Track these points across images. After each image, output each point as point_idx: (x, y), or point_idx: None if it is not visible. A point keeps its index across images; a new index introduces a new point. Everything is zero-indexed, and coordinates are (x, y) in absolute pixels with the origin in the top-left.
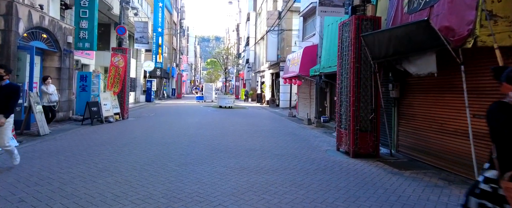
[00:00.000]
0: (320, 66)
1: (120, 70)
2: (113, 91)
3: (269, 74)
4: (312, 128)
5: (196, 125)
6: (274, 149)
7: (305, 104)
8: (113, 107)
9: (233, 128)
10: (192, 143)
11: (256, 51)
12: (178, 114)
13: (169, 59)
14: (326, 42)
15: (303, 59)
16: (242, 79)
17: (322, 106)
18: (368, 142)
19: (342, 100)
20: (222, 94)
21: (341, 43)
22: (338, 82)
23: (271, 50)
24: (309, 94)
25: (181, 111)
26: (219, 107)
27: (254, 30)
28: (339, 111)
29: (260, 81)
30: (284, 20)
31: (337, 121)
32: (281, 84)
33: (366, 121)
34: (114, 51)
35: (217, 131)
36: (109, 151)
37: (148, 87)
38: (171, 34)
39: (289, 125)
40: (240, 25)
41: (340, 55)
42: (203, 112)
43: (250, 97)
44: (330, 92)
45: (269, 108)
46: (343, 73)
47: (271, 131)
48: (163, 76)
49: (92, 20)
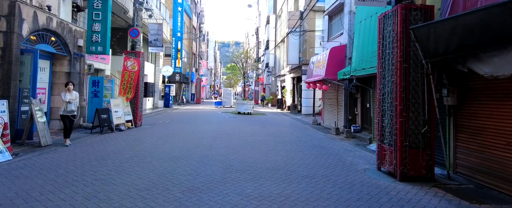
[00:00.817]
0: (351, 69)
1: (134, 75)
2: (126, 97)
3: (290, 78)
4: (342, 139)
5: (212, 134)
6: (301, 167)
7: (331, 111)
8: (125, 114)
9: (252, 138)
10: (204, 157)
11: (276, 55)
12: (194, 120)
13: (189, 64)
14: (358, 41)
15: (329, 62)
16: (262, 84)
17: (352, 114)
18: (419, 161)
19: (384, 109)
20: (241, 100)
21: (382, 39)
22: (379, 87)
23: (292, 53)
24: (337, 101)
25: (197, 118)
26: (238, 113)
27: (274, 34)
28: (381, 122)
29: (280, 86)
30: (306, 21)
31: (378, 134)
32: (303, 89)
33: (417, 135)
34: (127, 54)
35: (233, 142)
36: (108, 167)
37: (167, 92)
38: (191, 39)
39: (314, 135)
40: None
41: (381, 54)
42: (221, 119)
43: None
44: (361, 98)
45: (290, 114)
46: (386, 75)
47: (294, 143)
48: (182, 81)
49: (105, 23)
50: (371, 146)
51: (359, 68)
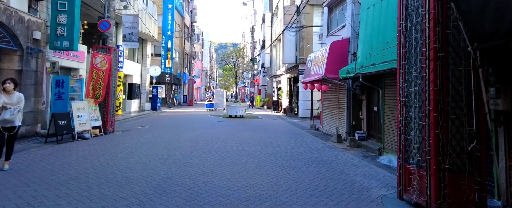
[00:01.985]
0: (356, 65)
1: (103, 74)
2: (94, 100)
3: (286, 79)
4: (345, 149)
5: (190, 144)
6: (294, 196)
7: (332, 115)
8: (91, 119)
9: (238, 149)
10: (166, 181)
11: (272, 54)
12: (178, 125)
13: (180, 64)
14: (365, 32)
15: (329, 58)
16: (258, 85)
17: (356, 118)
18: (465, 192)
19: (409, 116)
20: (232, 102)
21: (404, 20)
22: (401, 86)
23: (288, 51)
24: (338, 103)
25: (183, 122)
26: (229, 116)
27: (270, 32)
28: (404, 133)
29: (276, 87)
30: (303, 16)
31: (400, 150)
32: (300, 90)
33: (460, 153)
34: (95, 50)
35: (213, 155)
36: (24, 198)
37: (154, 94)
38: (183, 38)
39: (313, 144)
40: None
41: (403, 42)
42: (208, 123)
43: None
44: (367, 101)
45: (286, 117)
46: (412, 70)
47: (288, 155)
48: (173, 83)
49: (72, 15)
50: (382, 158)
51: (366, 64)
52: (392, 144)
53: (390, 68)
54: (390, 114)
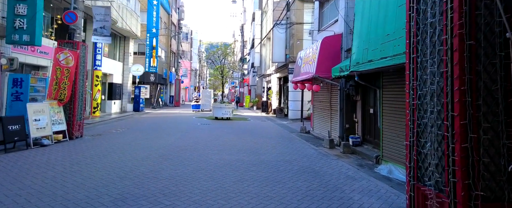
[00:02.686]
0: (351, 62)
1: (69, 72)
2: (58, 101)
3: (276, 78)
4: (338, 156)
5: (164, 151)
6: None
7: (323, 117)
8: (53, 122)
9: (217, 158)
10: (116, 204)
11: (262, 53)
12: (158, 129)
13: (167, 63)
14: (362, 25)
15: (321, 56)
16: (248, 85)
17: (350, 121)
18: None
19: (424, 123)
20: (218, 103)
21: (415, 2)
22: (411, 85)
23: (278, 49)
24: (330, 104)
25: (164, 124)
26: (215, 118)
27: (260, 31)
28: (416, 144)
29: (266, 87)
30: (293, 12)
31: (411, 166)
32: (290, 90)
33: (496, 174)
34: (60, 45)
35: (187, 166)
36: None
37: (136, 94)
38: (169, 36)
39: (303, 150)
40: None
41: (413, 30)
42: (191, 126)
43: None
44: (362, 102)
45: (275, 118)
46: (427, 64)
47: (275, 165)
48: (158, 83)
49: (33, 5)
50: (381, 168)
51: (363, 60)
52: (391, 152)
53: (392, 65)
54: (389, 117)
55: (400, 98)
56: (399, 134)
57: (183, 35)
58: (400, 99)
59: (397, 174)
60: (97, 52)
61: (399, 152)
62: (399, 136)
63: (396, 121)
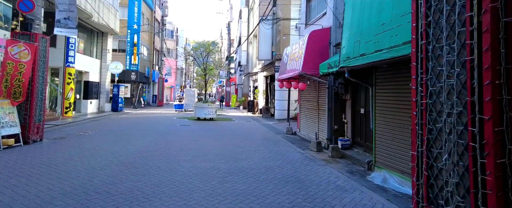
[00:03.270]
0: (341, 57)
1: (24, 68)
2: (10, 100)
3: (263, 77)
4: (326, 161)
5: (129, 158)
6: None
7: (310, 117)
8: (3, 125)
9: (190, 165)
10: None
11: (248, 51)
12: (132, 131)
13: (149, 61)
14: (353, 15)
15: (308, 51)
16: (234, 84)
17: (339, 122)
18: None
19: (437, 128)
20: (201, 103)
21: None
22: (420, 80)
23: (264, 46)
24: (317, 104)
25: (140, 126)
26: (197, 118)
27: (247, 28)
28: (425, 156)
29: (252, 86)
30: (280, 8)
31: (420, 184)
32: (276, 89)
33: None
34: (14, 37)
35: (151, 177)
36: None
37: (115, 93)
38: (152, 33)
39: (288, 154)
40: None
41: (422, 10)
42: (170, 128)
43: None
44: (352, 101)
45: (261, 118)
46: (440, 52)
47: (256, 174)
48: (140, 81)
49: None
50: (374, 176)
51: (354, 55)
52: (385, 157)
53: (389, 59)
54: (383, 118)
55: (396, 97)
56: (394, 138)
57: (168, 32)
58: (395, 98)
59: (392, 183)
60: (70, 48)
61: (394, 157)
62: (394, 140)
63: (391, 122)
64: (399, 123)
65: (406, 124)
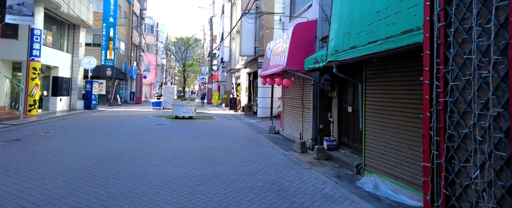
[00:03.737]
0: (328, 51)
1: None
2: None
3: (246, 74)
4: (312, 164)
5: (90, 162)
6: None
7: (294, 116)
8: None
9: (159, 172)
10: None
11: (231, 47)
12: (100, 130)
13: (127, 56)
14: (342, 4)
15: (292, 46)
16: (217, 81)
17: (325, 121)
18: None
19: (461, 134)
20: (178, 100)
21: None
22: (433, 72)
23: (247, 41)
24: (302, 101)
25: (111, 126)
26: (175, 117)
27: (230, 24)
28: (441, 169)
29: (235, 83)
30: (263, 1)
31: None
32: (259, 86)
33: None
34: None
35: (109, 188)
36: None
37: (88, 90)
38: (130, 27)
39: (270, 156)
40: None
41: None
42: (144, 127)
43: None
44: (339, 99)
45: (244, 116)
46: (466, 36)
47: (234, 181)
48: (116, 77)
49: None
50: (365, 181)
51: (344, 47)
52: (376, 160)
53: (384, 51)
54: (374, 118)
55: (389, 94)
56: (386, 139)
57: (147, 27)
58: (388, 96)
59: (385, 190)
60: (35, 40)
61: (387, 161)
62: (387, 142)
63: (383, 122)
64: (392, 123)
65: (401, 124)
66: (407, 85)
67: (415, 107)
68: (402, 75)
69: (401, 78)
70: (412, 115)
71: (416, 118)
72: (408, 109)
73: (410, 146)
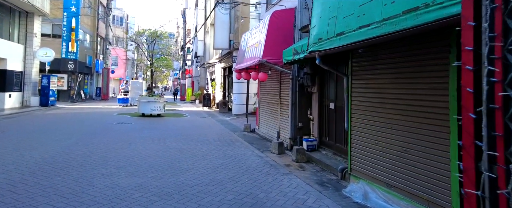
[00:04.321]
0: (311, 39)
1: None
2: None
3: (221, 69)
4: (290, 167)
5: (18, 176)
6: None
7: (271, 113)
8: None
9: (107, 183)
10: None
11: (205, 41)
12: (49, 132)
13: (92, 49)
14: None
15: (269, 36)
16: (191, 76)
17: (304, 119)
18: None
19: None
20: (145, 97)
21: None
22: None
23: (221, 33)
24: (279, 97)
25: (65, 125)
26: (142, 115)
27: (204, 16)
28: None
29: (210, 79)
30: None
31: None
32: (234, 81)
33: None
34: None
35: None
36: None
37: (44, 85)
38: (96, 17)
39: (245, 160)
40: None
41: None
42: (103, 126)
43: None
44: (320, 94)
45: (218, 114)
46: None
47: (200, 193)
48: (80, 72)
49: None
50: (352, 189)
51: (329, 35)
52: (365, 165)
53: (381, 36)
54: (362, 116)
55: (380, 89)
56: (377, 141)
57: (117, 19)
58: (379, 91)
59: (376, 200)
60: None
61: (377, 165)
62: (377, 144)
63: (373, 121)
64: (384, 122)
65: (394, 123)
66: (403, 78)
67: (412, 103)
68: (397, 66)
69: (397, 70)
70: (408, 112)
71: (412, 116)
72: (404, 106)
73: (405, 149)
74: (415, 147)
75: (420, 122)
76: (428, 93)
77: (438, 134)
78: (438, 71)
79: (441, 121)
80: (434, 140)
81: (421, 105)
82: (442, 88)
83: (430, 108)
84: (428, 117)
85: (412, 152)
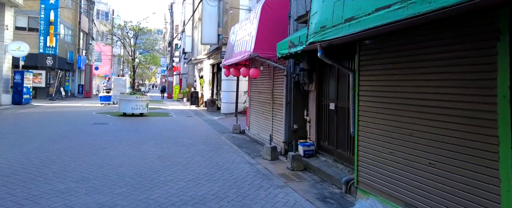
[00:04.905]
0: (311, 29)
1: None
2: None
3: (209, 65)
4: (286, 177)
5: None
6: None
7: (263, 113)
8: None
9: (57, 206)
10: None
11: (194, 37)
12: (10, 134)
13: (74, 44)
14: None
15: (261, 28)
16: (179, 74)
17: (300, 121)
18: None
19: None
20: (126, 95)
21: None
22: None
23: (209, 27)
24: (272, 96)
25: (33, 126)
26: (123, 114)
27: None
28: None
29: (198, 76)
30: None
31: None
32: (223, 78)
33: None
34: None
35: None
36: None
37: (17, 82)
38: (77, 10)
39: (233, 168)
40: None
41: None
42: (77, 127)
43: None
44: (317, 93)
45: (206, 112)
46: None
47: None
48: (60, 68)
49: None
50: (362, 206)
51: (334, 22)
52: (376, 178)
53: (405, 19)
54: (372, 119)
55: (396, 87)
56: (392, 149)
57: (102, 14)
58: (396, 89)
59: None
60: None
61: (392, 179)
62: (392, 153)
63: (388, 125)
64: (402, 127)
65: (417, 130)
66: (427, 74)
67: (441, 105)
68: (420, 59)
69: (419, 64)
70: (435, 117)
71: (441, 121)
72: (428, 108)
73: (431, 161)
74: (445, 159)
75: (451, 128)
76: (464, 93)
77: (480, 145)
78: (480, 64)
79: (485, 128)
80: (474, 152)
81: (453, 107)
82: (486, 86)
83: (467, 111)
84: (463, 122)
85: (441, 165)
